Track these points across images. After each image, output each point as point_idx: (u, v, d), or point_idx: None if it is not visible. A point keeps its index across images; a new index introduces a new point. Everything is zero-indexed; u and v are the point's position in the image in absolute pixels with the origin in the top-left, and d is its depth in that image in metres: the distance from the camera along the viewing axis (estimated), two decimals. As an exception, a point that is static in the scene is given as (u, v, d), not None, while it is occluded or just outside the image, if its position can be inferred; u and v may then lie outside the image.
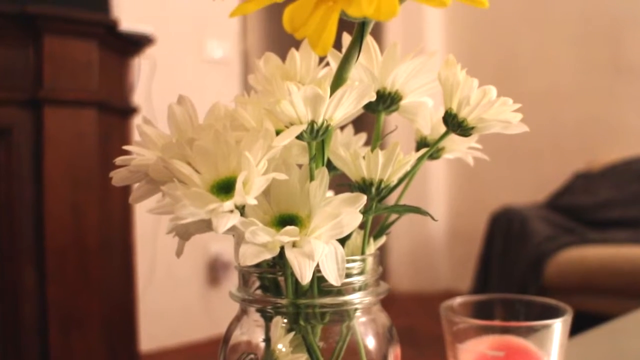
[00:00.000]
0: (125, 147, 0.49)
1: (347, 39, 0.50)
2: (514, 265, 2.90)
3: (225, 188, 0.43)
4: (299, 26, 0.36)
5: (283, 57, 0.54)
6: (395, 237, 4.38)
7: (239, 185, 0.40)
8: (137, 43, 2.11)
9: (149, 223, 2.60)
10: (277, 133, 0.47)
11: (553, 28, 3.88)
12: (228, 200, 0.40)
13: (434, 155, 0.56)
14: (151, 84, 2.76)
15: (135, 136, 0.52)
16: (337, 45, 0.45)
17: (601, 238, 2.85)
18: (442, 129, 0.50)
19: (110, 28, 1.87)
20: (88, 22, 1.82)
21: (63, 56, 1.77)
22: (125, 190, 1.92)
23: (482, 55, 4.16)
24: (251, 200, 0.40)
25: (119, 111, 2.01)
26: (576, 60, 3.78)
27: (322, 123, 0.43)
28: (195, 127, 0.48)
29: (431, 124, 0.55)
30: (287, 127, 0.43)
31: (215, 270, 3.31)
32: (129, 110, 2.08)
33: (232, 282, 3.24)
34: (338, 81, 0.44)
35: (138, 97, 2.40)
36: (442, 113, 0.50)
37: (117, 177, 0.48)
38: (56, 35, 1.75)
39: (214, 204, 0.40)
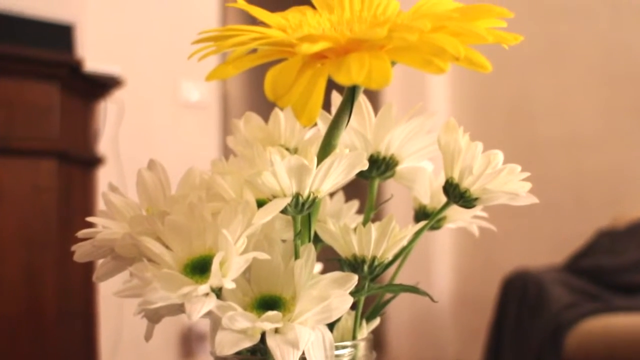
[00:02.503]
0: (90, 219, 0.50)
1: (337, 98, 0.51)
2: (529, 337, 2.89)
3: (200, 267, 0.43)
4: (283, 93, 0.37)
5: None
6: (394, 302, 4.35)
7: (215, 267, 0.41)
8: (104, 85, 2.12)
9: (113, 287, 2.58)
10: (259, 203, 0.48)
11: (572, 68, 3.92)
12: (203, 282, 0.41)
13: (435, 225, 0.57)
14: (119, 131, 2.78)
15: (103, 187, 0.53)
16: (326, 104, 0.46)
17: (629, 305, 2.85)
18: (443, 196, 0.51)
19: (73, 69, 1.89)
20: (49, 62, 1.84)
21: (19, 100, 1.78)
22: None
23: (493, 98, 4.20)
24: (229, 284, 0.41)
25: (82, 162, 2.02)
26: (598, 104, 3.82)
27: (308, 196, 0.44)
28: (168, 198, 0.49)
29: (431, 191, 0.56)
30: (269, 199, 0.44)
31: (189, 343, 3.29)
32: (94, 161, 2.09)
33: (208, 356, 3.21)
34: (326, 148, 0.45)
35: (104, 146, 2.41)
36: (443, 178, 0.51)
37: (80, 252, 0.49)
38: (11, 77, 1.77)
39: (188, 287, 0.40)
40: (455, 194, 0.49)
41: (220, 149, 3.26)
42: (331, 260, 0.53)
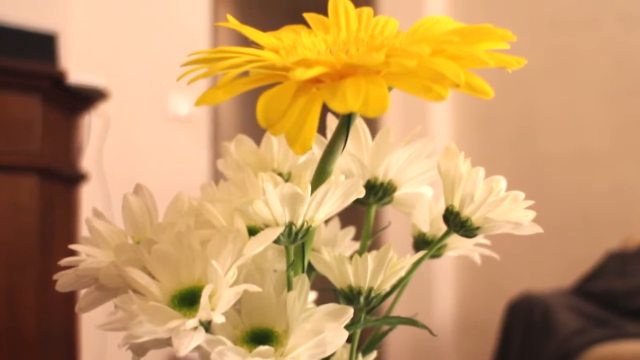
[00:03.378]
0: (73, 247, 0.50)
1: (333, 121, 0.51)
2: (536, 364, 2.89)
3: (188, 299, 0.44)
4: (276, 120, 0.37)
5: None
6: (394, 329, 4.35)
7: (204, 300, 0.41)
8: (88, 97, 2.13)
9: (97, 312, 2.57)
10: (250, 231, 0.48)
11: (580, 82, 3.93)
12: (191, 316, 0.41)
13: (435, 254, 0.57)
14: (103, 146, 2.78)
15: (86, 205, 0.53)
16: (321, 126, 0.47)
17: (640, 331, 2.85)
18: (444, 223, 0.52)
19: (56, 80, 1.89)
20: (30, 73, 1.84)
21: (-1, 114, 1.78)
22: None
23: (497, 113, 4.21)
24: (218, 318, 0.41)
25: (64, 178, 2.02)
26: (607, 119, 3.83)
27: (302, 225, 0.44)
28: (155, 226, 0.49)
29: (430, 218, 0.57)
30: (261, 228, 0.45)
31: (176, 369, 3.28)
32: (77, 177, 2.09)
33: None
34: (321, 175, 0.46)
35: (88, 162, 2.41)
36: (443, 204, 0.52)
37: (62, 282, 0.49)
38: (-9, 89, 1.77)
39: (175, 321, 0.41)
40: (456, 222, 0.49)
41: (210, 165, 3.25)
42: (326, 290, 0.53)
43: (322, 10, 0.52)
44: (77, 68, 2.23)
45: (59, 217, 1.94)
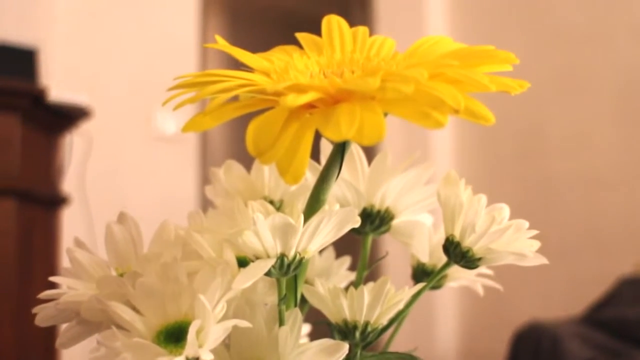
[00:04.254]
0: (53, 279, 0.50)
1: (326, 146, 0.52)
2: (544, 398, 2.88)
3: (174, 335, 0.44)
4: (266, 149, 0.38)
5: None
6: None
7: (191, 336, 0.41)
8: (70, 116, 2.13)
9: (78, 348, 2.56)
10: (240, 262, 0.48)
11: (590, 98, 3.94)
12: (178, 353, 0.42)
13: (435, 285, 0.58)
14: (86, 167, 2.78)
15: (67, 229, 0.53)
16: (316, 151, 0.47)
17: (654, 363, 2.85)
18: (443, 256, 0.52)
19: (36, 98, 1.90)
20: (9, 91, 1.84)
21: (-25, 134, 1.78)
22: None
23: (502, 131, 4.21)
24: (206, 355, 0.41)
25: (44, 201, 2.02)
26: (619, 138, 3.84)
27: (294, 256, 0.45)
28: (139, 257, 0.49)
29: (430, 247, 0.57)
30: (251, 260, 0.45)
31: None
32: (58, 201, 2.09)
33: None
34: (315, 204, 0.46)
35: (69, 184, 2.41)
36: (443, 233, 0.52)
37: (42, 316, 0.50)
38: (-33, 108, 1.77)
39: (161, 359, 0.41)
40: (456, 253, 0.50)
41: (198, 187, 3.24)
42: (320, 323, 0.53)
43: (315, 21, 0.52)
44: (58, 85, 2.24)
45: (39, 243, 1.94)
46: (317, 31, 0.52)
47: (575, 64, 4.01)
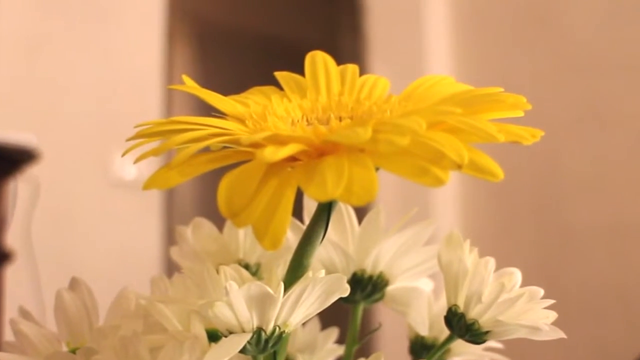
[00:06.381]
0: (-7, 356, 0.50)
1: (311, 203, 0.52)
2: None
3: (134, 423, 0.44)
4: (240, 209, 0.37)
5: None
6: None
7: None
8: (14, 159, 2.12)
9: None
10: (210, 335, 0.48)
11: (615, 135, 3.94)
12: None
13: (436, 360, 0.57)
14: (32, 218, 2.76)
15: (10, 290, 0.53)
16: (298, 208, 0.47)
17: None
18: (445, 327, 0.52)
19: (-25, 139, 1.90)
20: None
21: None
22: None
23: (516, 178, 4.21)
24: None
25: (-17, 258, 2.01)
26: (647, 183, 3.84)
27: (273, 331, 0.45)
28: (94, 330, 0.49)
29: (430, 318, 0.57)
30: (223, 334, 0.45)
31: None
32: (0, 256, 2.08)
33: None
34: (297, 269, 0.46)
35: (13, 237, 2.40)
36: (444, 301, 0.52)
37: (-20, 399, 0.49)
38: None
39: None
40: (460, 326, 0.50)
41: (162, 241, 3.21)
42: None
43: (293, 49, 0.52)
44: (1, 124, 2.23)
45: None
46: (299, 58, 0.52)
47: (597, 96, 4.01)
